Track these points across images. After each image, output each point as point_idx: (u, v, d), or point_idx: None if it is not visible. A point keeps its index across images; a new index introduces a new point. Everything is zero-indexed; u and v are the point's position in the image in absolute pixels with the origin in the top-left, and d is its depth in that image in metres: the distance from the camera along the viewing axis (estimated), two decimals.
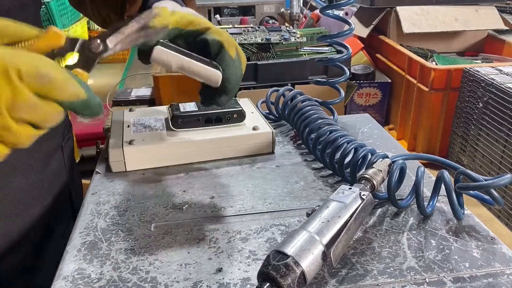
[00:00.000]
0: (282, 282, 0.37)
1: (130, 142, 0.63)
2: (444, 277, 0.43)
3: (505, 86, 1.18)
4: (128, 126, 0.68)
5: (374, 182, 0.51)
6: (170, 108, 0.69)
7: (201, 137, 0.65)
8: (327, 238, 0.41)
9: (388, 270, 0.44)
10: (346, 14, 2.00)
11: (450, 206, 0.51)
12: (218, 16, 2.06)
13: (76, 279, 0.43)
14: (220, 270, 0.44)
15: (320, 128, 0.65)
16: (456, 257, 0.46)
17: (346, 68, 0.78)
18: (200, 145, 0.65)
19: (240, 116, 0.68)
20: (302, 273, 0.38)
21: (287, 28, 1.56)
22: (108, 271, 0.44)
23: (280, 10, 2.11)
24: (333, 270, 0.44)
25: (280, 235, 0.50)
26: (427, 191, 0.55)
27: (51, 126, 0.33)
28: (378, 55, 1.80)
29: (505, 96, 1.17)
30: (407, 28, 1.65)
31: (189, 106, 0.68)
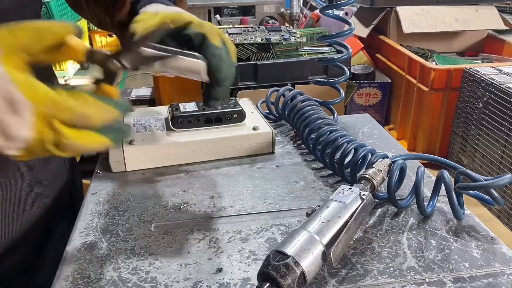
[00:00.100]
0: (282, 282, 0.37)
1: (130, 142, 0.63)
2: (444, 277, 0.43)
3: (505, 86, 1.19)
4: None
5: (374, 182, 0.51)
6: (170, 108, 0.69)
7: (201, 137, 0.65)
8: (327, 238, 0.41)
9: (388, 270, 0.44)
10: (346, 14, 2.00)
11: (450, 206, 0.51)
12: (218, 16, 2.06)
13: (76, 279, 0.43)
14: (220, 270, 0.44)
15: (320, 128, 0.65)
16: (456, 257, 0.46)
17: (346, 68, 0.78)
18: (200, 145, 0.65)
19: (240, 116, 0.68)
20: (302, 273, 0.38)
21: (287, 28, 1.56)
22: (108, 271, 0.44)
23: (280, 10, 2.11)
24: (333, 270, 0.44)
25: (280, 235, 0.50)
26: (427, 191, 0.55)
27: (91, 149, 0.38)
28: (378, 55, 1.80)
29: (505, 96, 1.17)
30: (407, 28, 1.65)
31: (189, 106, 0.68)
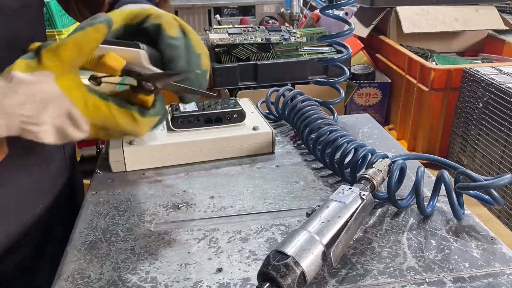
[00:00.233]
0: (282, 282, 0.37)
1: (130, 142, 0.63)
2: (444, 277, 0.43)
3: (505, 86, 1.19)
4: None
5: (374, 182, 0.51)
6: (170, 108, 0.69)
7: (201, 137, 0.65)
8: (327, 238, 0.41)
9: (388, 270, 0.44)
10: (346, 14, 2.00)
11: (450, 206, 0.51)
12: (218, 16, 2.06)
13: (76, 279, 0.43)
14: (220, 270, 0.44)
15: (320, 128, 0.65)
16: (456, 257, 0.46)
17: (346, 68, 0.78)
18: (200, 145, 0.65)
19: (240, 116, 0.68)
20: (302, 273, 0.38)
21: (287, 28, 1.56)
22: (108, 271, 0.44)
23: (280, 10, 2.11)
24: (333, 270, 0.44)
25: (280, 235, 0.50)
26: (427, 191, 0.55)
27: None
28: (378, 55, 1.80)
29: (505, 96, 1.17)
30: (407, 28, 1.65)
31: (189, 106, 0.69)
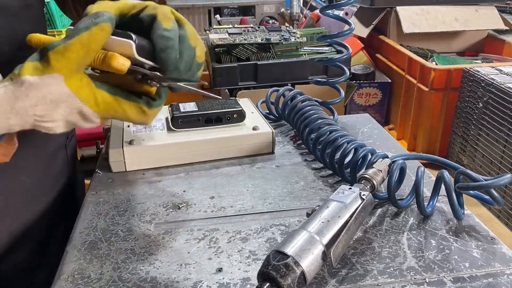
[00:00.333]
0: (282, 282, 0.37)
1: (130, 142, 0.63)
2: (444, 277, 0.43)
3: (505, 86, 1.18)
4: (128, 126, 0.68)
5: (374, 182, 0.51)
6: (170, 108, 0.69)
7: (201, 137, 0.65)
8: (327, 238, 0.41)
9: (388, 270, 0.44)
10: (346, 14, 2.00)
11: (450, 206, 0.51)
12: (218, 16, 2.06)
13: (76, 279, 0.43)
14: (220, 270, 0.44)
15: (320, 128, 0.65)
16: (456, 257, 0.46)
17: (346, 68, 0.78)
18: (200, 145, 0.65)
19: (240, 116, 0.68)
20: (302, 273, 0.38)
21: (287, 28, 1.56)
22: (108, 271, 0.44)
23: (280, 10, 2.11)
24: (333, 270, 0.44)
25: (280, 235, 0.50)
26: (427, 191, 0.55)
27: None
28: (378, 55, 1.80)
29: (505, 96, 1.17)
30: (407, 28, 1.65)
31: (189, 106, 0.69)
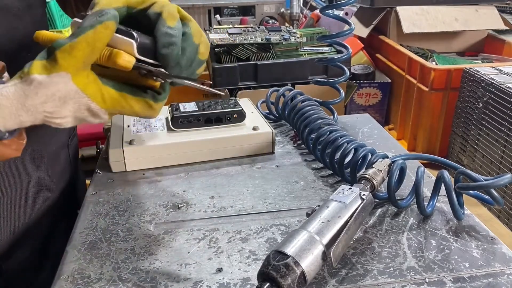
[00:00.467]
0: (282, 282, 0.37)
1: (130, 142, 0.63)
2: (444, 277, 0.43)
3: (505, 86, 1.18)
4: (128, 126, 0.68)
5: (374, 182, 0.51)
6: (170, 108, 0.69)
7: (201, 137, 0.65)
8: (327, 238, 0.41)
9: (388, 270, 0.44)
10: (346, 14, 2.00)
11: (450, 206, 0.51)
12: (218, 16, 2.06)
13: (76, 279, 0.43)
14: (220, 270, 0.44)
15: (320, 128, 0.65)
16: (456, 257, 0.46)
17: (346, 68, 0.78)
18: (200, 145, 0.65)
19: (240, 116, 0.68)
20: (302, 273, 0.38)
21: (287, 28, 1.56)
22: (108, 271, 0.44)
23: (280, 10, 2.11)
24: (333, 270, 0.44)
25: (280, 235, 0.50)
26: (427, 191, 0.55)
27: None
28: (378, 55, 1.80)
29: (505, 96, 1.17)
30: (407, 28, 1.65)
31: (189, 106, 0.69)
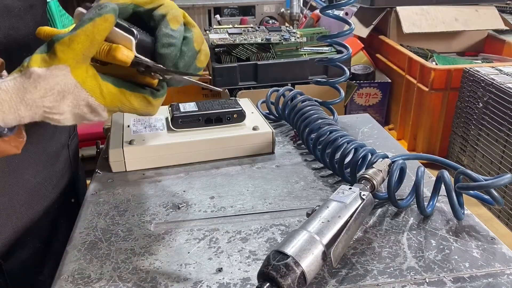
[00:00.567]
0: (282, 282, 0.37)
1: (130, 142, 0.63)
2: (444, 277, 0.43)
3: (505, 86, 1.18)
4: (128, 126, 0.68)
5: (374, 182, 0.51)
6: (170, 108, 0.69)
7: (201, 137, 0.65)
8: (327, 238, 0.41)
9: (388, 270, 0.44)
10: (346, 14, 2.00)
11: (450, 206, 0.51)
12: (218, 16, 2.06)
13: (76, 279, 0.43)
14: (220, 270, 0.44)
15: (320, 128, 0.65)
16: (456, 257, 0.46)
17: (346, 68, 0.78)
18: (200, 145, 0.65)
19: (240, 116, 0.68)
20: (302, 273, 0.38)
21: (287, 28, 1.56)
22: (108, 271, 0.44)
23: (280, 10, 2.11)
24: (333, 270, 0.44)
25: (280, 235, 0.50)
26: (427, 191, 0.55)
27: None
28: (378, 55, 1.80)
29: (505, 96, 1.17)
30: (407, 28, 1.65)
31: (189, 106, 0.69)
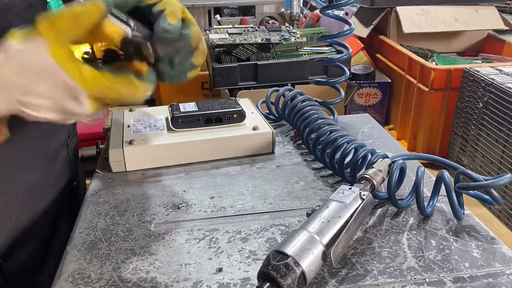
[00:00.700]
0: (282, 282, 0.37)
1: (130, 142, 0.63)
2: (444, 277, 0.43)
3: (505, 86, 1.18)
4: (128, 126, 0.68)
5: (374, 182, 0.51)
6: (170, 108, 0.69)
7: (201, 137, 0.65)
8: (327, 238, 0.41)
9: (388, 270, 0.44)
10: (346, 14, 2.00)
11: (450, 206, 0.51)
12: (218, 16, 2.06)
13: (76, 279, 0.43)
14: (220, 270, 0.44)
15: (320, 128, 0.65)
16: (456, 257, 0.46)
17: (346, 68, 0.78)
18: (200, 145, 0.65)
19: (240, 116, 0.68)
20: (302, 273, 0.38)
21: (287, 28, 1.56)
22: (108, 271, 0.44)
23: (280, 10, 2.11)
24: (333, 270, 0.44)
25: (280, 235, 0.50)
26: (427, 191, 0.55)
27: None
28: (378, 55, 1.80)
29: (505, 96, 1.17)
30: (407, 28, 1.65)
31: (189, 106, 0.69)
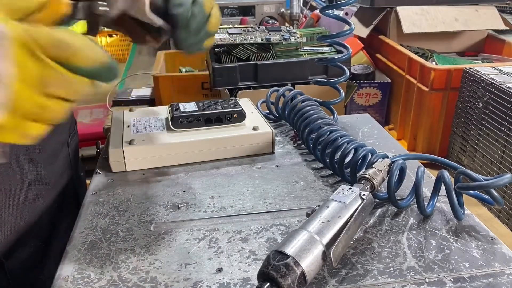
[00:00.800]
0: (282, 282, 0.37)
1: (130, 142, 0.63)
2: (444, 277, 0.43)
3: (505, 86, 1.18)
4: (128, 126, 0.68)
5: (374, 182, 0.51)
6: (170, 108, 0.69)
7: (201, 137, 0.65)
8: (327, 238, 0.41)
9: (388, 270, 0.44)
10: (346, 14, 2.00)
11: (450, 206, 0.51)
12: None
13: (76, 279, 0.43)
14: (220, 270, 0.44)
15: (320, 128, 0.65)
16: (456, 257, 0.46)
17: (346, 68, 0.78)
18: (200, 145, 0.65)
19: (240, 116, 0.68)
20: (302, 273, 0.38)
21: (287, 28, 1.56)
22: (108, 271, 0.44)
23: (280, 10, 2.11)
24: (333, 270, 0.44)
25: (280, 235, 0.50)
26: (427, 191, 0.55)
27: (81, 99, 0.33)
28: (378, 55, 1.80)
29: (505, 96, 1.17)
30: (407, 28, 1.65)
31: (189, 106, 0.69)
